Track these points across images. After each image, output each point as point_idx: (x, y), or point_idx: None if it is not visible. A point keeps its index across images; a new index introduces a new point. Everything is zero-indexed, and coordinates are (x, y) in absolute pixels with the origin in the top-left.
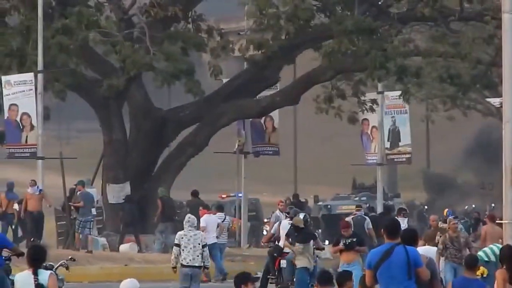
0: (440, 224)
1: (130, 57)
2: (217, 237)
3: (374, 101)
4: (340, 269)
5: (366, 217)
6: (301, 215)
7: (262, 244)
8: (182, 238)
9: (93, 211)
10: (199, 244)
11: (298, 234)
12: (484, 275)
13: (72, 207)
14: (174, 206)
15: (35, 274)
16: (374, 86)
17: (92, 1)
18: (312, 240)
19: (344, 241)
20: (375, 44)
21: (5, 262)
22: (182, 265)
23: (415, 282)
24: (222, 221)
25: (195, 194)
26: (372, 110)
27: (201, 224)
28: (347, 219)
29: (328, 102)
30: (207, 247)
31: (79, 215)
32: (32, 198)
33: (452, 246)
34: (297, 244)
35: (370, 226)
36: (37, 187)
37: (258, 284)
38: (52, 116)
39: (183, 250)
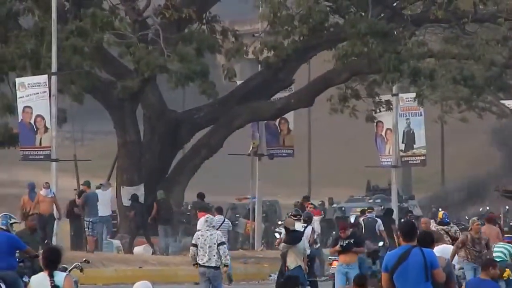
0: (435, 227)
1: (144, 59)
2: None
3: (388, 103)
4: (337, 271)
5: (378, 219)
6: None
7: (276, 246)
8: (199, 238)
9: (102, 211)
10: (215, 243)
11: (287, 235)
12: (511, 277)
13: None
14: (171, 208)
15: (51, 276)
16: (389, 88)
17: (106, 3)
18: (299, 243)
19: (341, 243)
20: (388, 47)
21: (18, 264)
22: (199, 265)
23: (432, 284)
24: (221, 224)
25: (201, 196)
26: (389, 109)
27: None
28: (359, 220)
29: (343, 102)
30: (225, 245)
31: (86, 216)
32: (44, 201)
33: (472, 247)
34: (282, 245)
35: (382, 227)
36: (50, 190)
37: None
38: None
39: (199, 250)
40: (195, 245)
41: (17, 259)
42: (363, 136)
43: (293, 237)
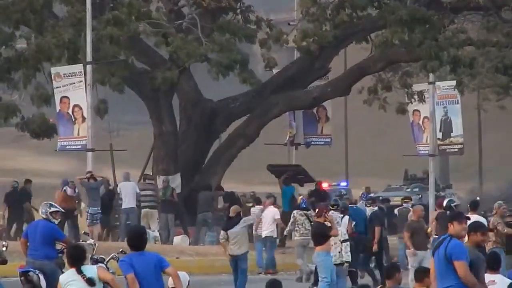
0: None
1: (183, 49)
2: None
3: (421, 94)
4: (317, 258)
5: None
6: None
7: None
8: None
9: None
10: (340, 240)
11: (227, 221)
12: None
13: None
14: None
15: (80, 272)
16: (425, 76)
17: None
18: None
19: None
20: (428, 34)
21: (58, 255)
22: None
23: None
24: None
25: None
26: (421, 101)
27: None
28: (395, 211)
29: (373, 93)
30: (348, 242)
31: (87, 206)
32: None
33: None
34: (222, 231)
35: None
36: (75, 190)
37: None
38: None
39: None
40: None
41: (58, 250)
42: (400, 124)
43: (231, 223)
